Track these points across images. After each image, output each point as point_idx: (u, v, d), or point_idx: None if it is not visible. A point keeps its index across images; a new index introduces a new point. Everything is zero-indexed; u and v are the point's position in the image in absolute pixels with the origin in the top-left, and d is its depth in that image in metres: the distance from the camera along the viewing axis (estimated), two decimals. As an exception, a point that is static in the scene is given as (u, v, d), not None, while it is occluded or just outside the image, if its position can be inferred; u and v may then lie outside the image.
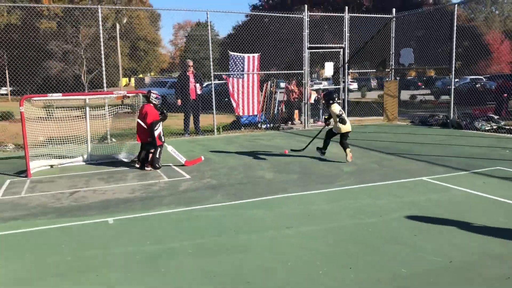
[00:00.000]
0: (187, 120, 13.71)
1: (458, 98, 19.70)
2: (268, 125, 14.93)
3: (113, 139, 12.57)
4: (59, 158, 9.43)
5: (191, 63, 13.70)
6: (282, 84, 17.66)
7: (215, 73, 13.75)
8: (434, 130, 13.68)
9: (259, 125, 14.82)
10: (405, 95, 23.22)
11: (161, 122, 8.74)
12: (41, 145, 9.36)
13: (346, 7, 15.31)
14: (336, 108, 8.88)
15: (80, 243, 4.95)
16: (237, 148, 11.05)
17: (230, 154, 10.25)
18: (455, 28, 13.58)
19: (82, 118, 9.78)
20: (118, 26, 28.26)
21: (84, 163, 9.61)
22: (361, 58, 16.03)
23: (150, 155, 8.83)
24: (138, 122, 8.81)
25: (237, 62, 14.00)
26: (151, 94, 8.79)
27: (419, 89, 30.04)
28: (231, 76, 14.06)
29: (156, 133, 8.61)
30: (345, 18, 15.18)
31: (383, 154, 9.73)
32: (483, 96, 20.58)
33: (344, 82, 15.60)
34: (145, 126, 8.68)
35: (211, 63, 13.54)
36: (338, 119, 8.79)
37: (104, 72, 12.32)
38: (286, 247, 4.69)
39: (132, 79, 55.65)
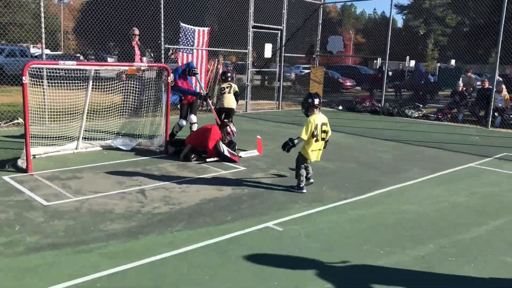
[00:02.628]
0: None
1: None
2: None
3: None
4: (41, 145, 7.18)
5: (137, 31, 11.72)
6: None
7: (168, 46, 12.11)
8: (371, 116, 14.53)
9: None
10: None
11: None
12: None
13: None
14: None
15: (294, 261, 3.89)
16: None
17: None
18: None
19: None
20: None
21: (73, 151, 7.52)
22: (295, 43, 16.01)
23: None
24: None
25: (187, 35, 12.56)
26: (228, 127, 7.62)
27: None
28: (181, 50, 12.58)
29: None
30: (285, -1, 14.92)
31: (385, 141, 9.93)
32: (336, 85, 22.93)
33: (280, 66, 15.41)
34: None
35: (162, 33, 11.87)
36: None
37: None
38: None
39: None
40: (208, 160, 7.27)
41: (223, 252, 3.99)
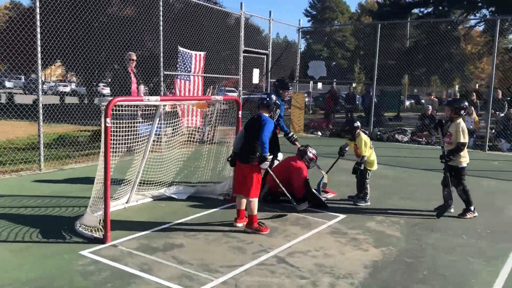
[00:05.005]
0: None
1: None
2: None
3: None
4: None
5: (134, 56, 10.21)
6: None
7: (167, 72, 10.70)
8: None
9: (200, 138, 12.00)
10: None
11: None
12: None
13: (270, 11, 14.35)
14: None
15: None
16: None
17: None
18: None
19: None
20: None
21: (124, 205, 5.99)
22: (277, 68, 15.27)
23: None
24: None
25: (185, 61, 11.27)
26: (308, 152, 6.61)
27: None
28: (179, 77, 11.22)
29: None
30: (270, 22, 14.21)
31: (424, 171, 9.40)
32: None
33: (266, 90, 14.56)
34: None
35: (161, 58, 10.48)
36: None
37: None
38: None
39: None
40: (303, 207, 6.11)
41: None
